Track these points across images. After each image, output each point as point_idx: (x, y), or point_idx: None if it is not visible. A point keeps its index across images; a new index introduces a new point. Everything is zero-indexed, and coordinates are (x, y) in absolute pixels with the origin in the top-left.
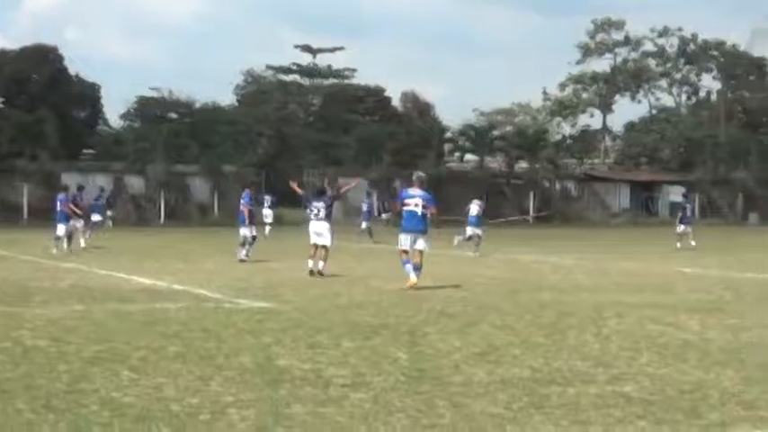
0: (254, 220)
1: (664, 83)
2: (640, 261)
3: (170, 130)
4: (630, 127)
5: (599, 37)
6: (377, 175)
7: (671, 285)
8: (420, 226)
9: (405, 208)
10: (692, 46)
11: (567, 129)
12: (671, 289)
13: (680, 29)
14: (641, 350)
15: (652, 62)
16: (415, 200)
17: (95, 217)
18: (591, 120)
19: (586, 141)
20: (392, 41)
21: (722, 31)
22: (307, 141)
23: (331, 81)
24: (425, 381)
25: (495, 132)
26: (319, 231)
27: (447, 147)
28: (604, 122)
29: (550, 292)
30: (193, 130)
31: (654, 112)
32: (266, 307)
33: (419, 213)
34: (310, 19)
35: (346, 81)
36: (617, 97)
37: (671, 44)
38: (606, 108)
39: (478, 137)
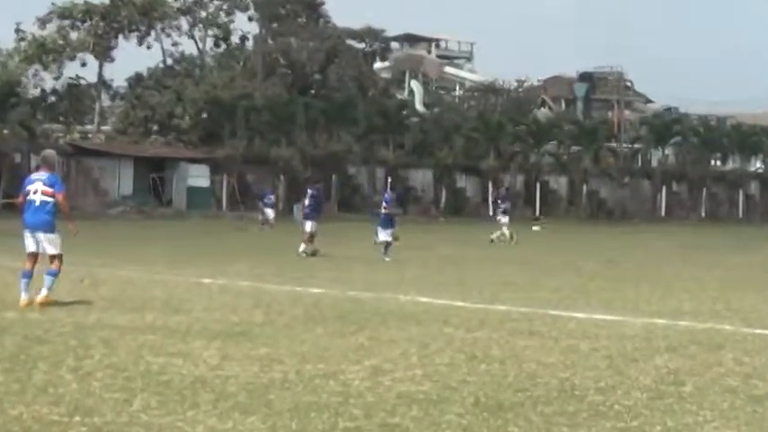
0: None
1: (184, 23)
2: (126, 268)
3: None
4: (137, 82)
5: None
6: None
7: (183, 301)
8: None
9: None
10: None
11: (49, 81)
12: (182, 306)
13: None
14: (135, 391)
15: None
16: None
17: None
18: (83, 70)
19: (76, 99)
20: None
21: None
22: None
23: None
24: None
25: None
26: None
27: None
28: (100, 74)
29: (13, 310)
30: None
31: (170, 62)
32: None
33: None
34: None
35: None
36: (119, 40)
37: None
38: (104, 55)
39: None
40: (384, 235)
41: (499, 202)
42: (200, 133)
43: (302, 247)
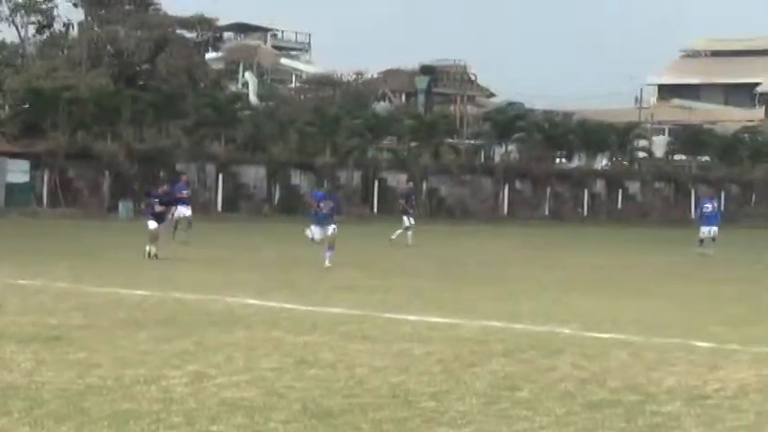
0: None
1: (5, 8)
2: None
3: None
4: None
5: None
6: None
7: None
8: None
9: None
10: None
11: None
12: None
13: None
14: None
15: None
16: None
17: None
18: None
19: None
20: None
21: None
22: None
23: None
24: None
25: None
26: None
27: None
28: None
29: None
30: None
31: None
32: None
33: None
34: None
35: None
36: None
37: None
38: None
39: None
40: (319, 234)
41: (402, 201)
42: (19, 126)
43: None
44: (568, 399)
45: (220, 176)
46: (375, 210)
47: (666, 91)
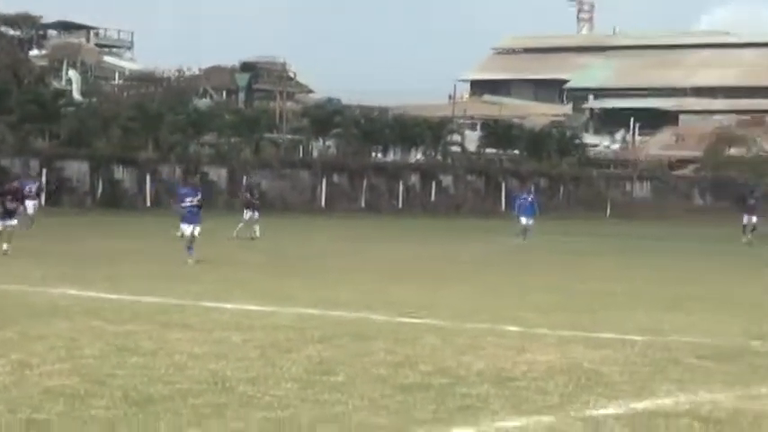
0: None
1: None
2: None
3: None
4: None
5: None
6: None
7: None
8: None
9: None
10: None
11: None
12: None
13: None
14: None
15: None
16: None
17: None
18: None
19: None
20: None
21: None
22: None
23: None
24: None
25: None
26: None
27: None
28: None
29: None
30: None
31: None
32: None
33: None
34: None
35: None
36: None
37: None
38: None
39: None
40: (188, 230)
41: (247, 195)
42: None
43: None
44: (381, 382)
45: (44, 171)
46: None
47: (479, 87)
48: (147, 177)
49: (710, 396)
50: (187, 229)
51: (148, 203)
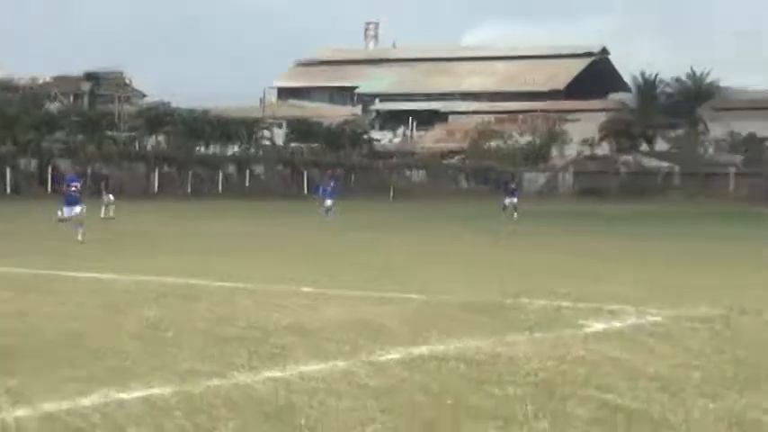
0: None
1: None
2: None
3: None
4: None
5: None
6: None
7: None
8: None
9: None
10: None
11: None
12: None
13: None
14: None
15: None
16: None
17: None
18: None
19: None
20: None
21: None
22: None
23: None
24: None
25: None
26: None
27: None
28: None
29: None
30: None
31: None
32: None
33: None
34: None
35: None
36: None
37: None
38: None
39: None
40: (68, 212)
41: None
42: None
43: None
44: (205, 336)
45: None
46: (49, 190)
47: (285, 93)
48: (7, 169)
49: (474, 343)
50: (69, 210)
51: (8, 191)
